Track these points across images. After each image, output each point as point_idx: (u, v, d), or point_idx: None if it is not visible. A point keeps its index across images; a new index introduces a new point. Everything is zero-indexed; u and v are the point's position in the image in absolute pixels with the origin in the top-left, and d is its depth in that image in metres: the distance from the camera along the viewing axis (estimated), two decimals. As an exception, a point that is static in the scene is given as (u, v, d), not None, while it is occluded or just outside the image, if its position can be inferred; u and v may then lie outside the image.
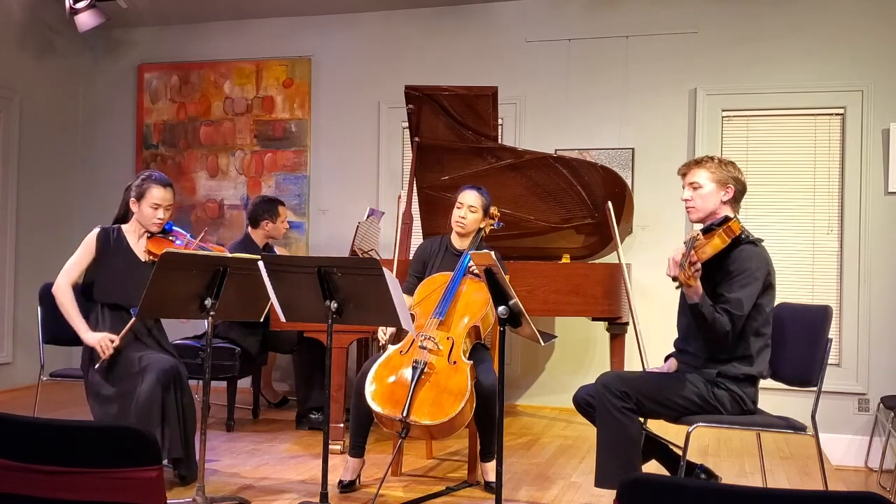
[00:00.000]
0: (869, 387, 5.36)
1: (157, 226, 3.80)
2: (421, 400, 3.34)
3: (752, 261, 3.11)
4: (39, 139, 6.63)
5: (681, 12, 5.77)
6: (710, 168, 3.25)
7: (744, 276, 3.09)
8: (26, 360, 6.28)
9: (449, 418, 3.30)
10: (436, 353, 3.50)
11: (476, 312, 3.66)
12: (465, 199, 3.98)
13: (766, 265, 3.16)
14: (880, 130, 5.39)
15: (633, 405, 3.12)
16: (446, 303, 3.65)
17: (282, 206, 5.33)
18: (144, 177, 3.82)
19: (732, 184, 3.24)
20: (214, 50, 6.75)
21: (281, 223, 5.28)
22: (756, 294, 3.11)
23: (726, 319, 3.05)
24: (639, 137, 5.82)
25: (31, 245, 6.47)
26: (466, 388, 3.37)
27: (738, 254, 3.13)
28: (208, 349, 3.37)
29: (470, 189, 4.03)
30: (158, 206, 3.76)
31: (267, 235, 5.26)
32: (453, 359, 3.48)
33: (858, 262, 5.40)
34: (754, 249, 3.16)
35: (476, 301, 3.68)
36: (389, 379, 3.46)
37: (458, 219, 3.98)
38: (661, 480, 1.43)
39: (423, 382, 3.38)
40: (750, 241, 3.18)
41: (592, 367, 5.74)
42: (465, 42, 6.17)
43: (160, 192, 3.77)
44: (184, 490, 3.57)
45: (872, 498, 1.29)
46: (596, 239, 5.25)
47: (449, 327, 3.60)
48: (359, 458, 3.73)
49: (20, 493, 1.63)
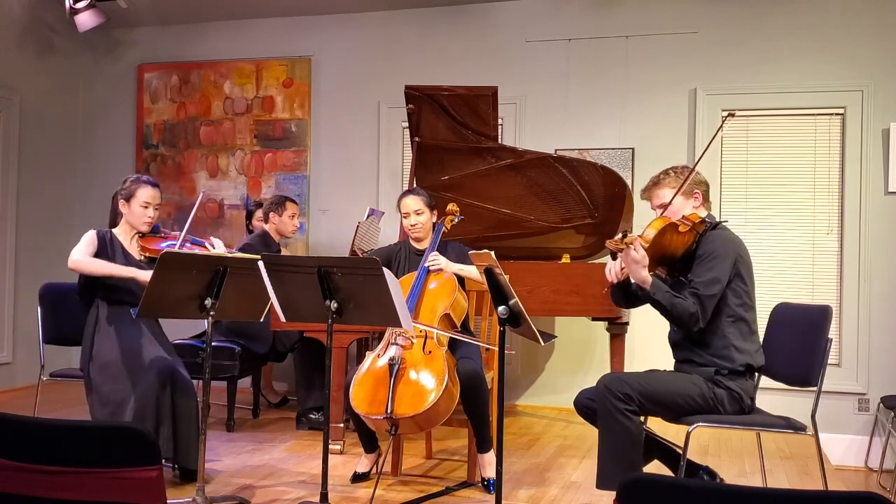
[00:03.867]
0: (869, 387, 5.36)
1: (147, 225, 3.85)
2: (401, 394, 3.39)
3: (714, 243, 3.21)
4: (39, 139, 6.63)
5: (681, 12, 5.77)
6: (668, 184, 3.31)
7: (709, 258, 3.18)
8: (26, 360, 6.28)
9: (430, 404, 3.34)
10: (409, 347, 3.56)
11: (444, 301, 3.72)
12: (408, 207, 4.00)
13: (732, 245, 3.23)
14: (880, 130, 5.39)
15: (636, 406, 3.13)
16: (414, 298, 3.71)
17: (291, 202, 5.29)
18: (132, 179, 3.89)
19: (697, 188, 3.31)
20: (214, 50, 6.75)
21: (288, 218, 5.21)
22: (726, 274, 3.17)
23: (691, 301, 3.11)
24: (639, 137, 5.82)
25: (31, 245, 6.47)
26: (443, 372, 3.41)
27: (704, 240, 3.23)
28: (208, 349, 3.37)
29: (406, 195, 4.05)
30: (148, 204, 3.82)
31: (275, 230, 5.24)
32: (428, 349, 3.54)
33: (858, 262, 5.40)
34: (717, 233, 3.25)
35: (442, 291, 3.76)
36: (370, 382, 3.51)
37: (409, 227, 4.02)
38: (660, 480, 1.43)
39: (400, 378, 3.44)
40: (712, 226, 3.26)
41: (592, 367, 5.74)
42: (465, 42, 6.17)
43: (150, 191, 3.83)
44: (184, 490, 3.57)
45: (872, 498, 1.29)
46: (596, 239, 5.25)
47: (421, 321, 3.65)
48: (371, 453, 3.85)
49: (20, 493, 1.63)
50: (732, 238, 3.26)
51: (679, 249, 3.22)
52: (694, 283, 3.15)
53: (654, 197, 3.36)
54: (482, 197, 5.15)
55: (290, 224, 5.26)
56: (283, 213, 5.21)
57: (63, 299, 4.33)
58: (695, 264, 3.20)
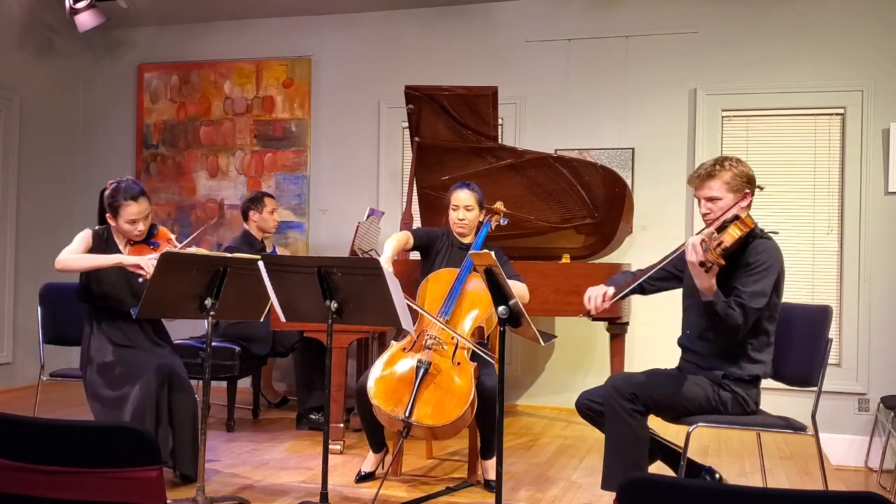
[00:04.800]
0: (869, 387, 5.36)
1: (138, 236, 3.73)
2: (424, 401, 3.33)
3: (766, 254, 3.10)
4: (39, 139, 6.63)
5: (681, 12, 5.77)
6: (724, 178, 3.14)
7: (759, 268, 3.07)
8: (26, 360, 6.28)
9: (451, 421, 3.30)
10: (440, 353, 3.49)
11: (481, 312, 3.64)
12: (459, 200, 3.93)
13: (779, 259, 3.14)
14: (880, 130, 5.39)
15: (642, 407, 3.12)
16: (451, 302, 3.63)
17: (268, 197, 5.29)
18: (112, 190, 3.67)
19: (749, 188, 3.17)
20: (214, 50, 6.75)
21: (268, 213, 5.20)
22: (771, 287, 3.08)
23: (738, 313, 3.00)
24: (639, 137, 5.82)
25: (31, 245, 6.47)
26: (470, 392, 3.36)
27: (754, 247, 3.11)
28: (208, 349, 3.37)
29: (461, 188, 3.97)
30: (135, 220, 3.65)
31: (258, 227, 5.23)
32: (457, 360, 3.47)
33: (858, 262, 5.40)
34: (769, 243, 3.14)
35: (481, 300, 3.65)
36: (393, 377, 3.44)
37: (456, 221, 3.94)
38: (660, 480, 1.43)
39: (426, 383, 3.37)
40: (764, 235, 3.17)
41: (592, 367, 5.74)
42: (465, 42, 6.17)
43: (134, 209, 3.63)
44: (184, 490, 3.57)
45: (872, 498, 1.29)
46: (596, 239, 5.25)
47: (454, 327, 3.58)
48: (378, 452, 3.82)
49: (20, 493, 1.63)
50: (779, 251, 3.16)
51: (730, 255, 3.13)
52: (741, 292, 3.04)
53: (706, 188, 3.17)
54: (482, 197, 5.14)
55: (271, 219, 5.25)
56: (263, 209, 5.20)
57: (63, 299, 4.33)
58: (742, 271, 3.09)
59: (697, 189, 3.24)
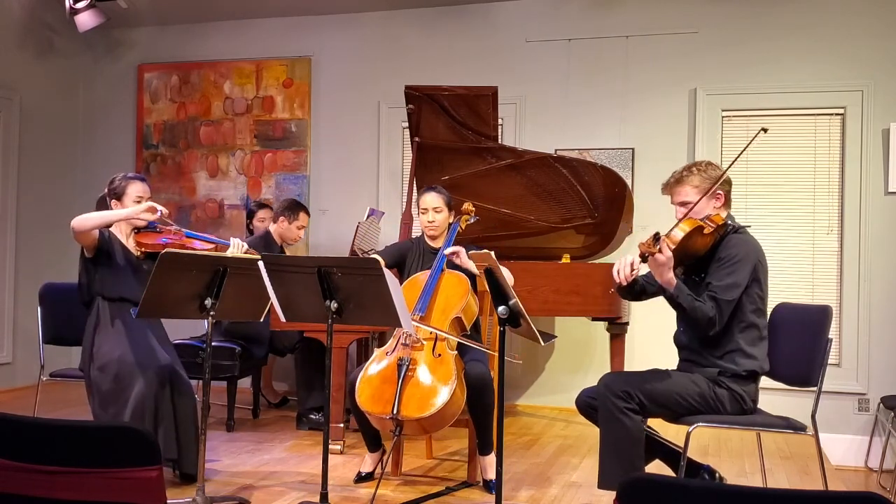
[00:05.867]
0: (869, 387, 5.36)
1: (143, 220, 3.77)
2: (409, 396, 3.37)
3: (737, 247, 3.17)
4: (39, 139, 6.63)
5: (681, 12, 5.77)
6: (693, 182, 3.25)
7: (730, 262, 3.15)
8: (26, 360, 6.28)
9: (437, 409, 3.32)
10: (419, 348, 3.53)
11: (456, 304, 3.69)
12: (427, 203, 3.98)
13: (753, 251, 3.20)
14: (880, 130, 5.39)
15: (636, 405, 3.12)
16: (426, 298, 3.68)
17: (305, 212, 5.26)
18: (119, 177, 3.85)
19: (720, 188, 3.25)
20: (214, 50, 6.75)
21: (297, 227, 5.19)
22: (745, 279, 3.14)
23: (710, 306, 3.09)
24: (639, 137, 5.82)
25: (31, 245, 6.47)
26: (451, 377, 3.40)
27: (725, 243, 3.20)
28: (208, 349, 3.37)
29: (428, 191, 4.03)
30: (141, 198, 3.78)
31: (280, 234, 5.22)
32: (437, 352, 3.51)
33: (858, 262, 5.40)
34: (740, 237, 3.22)
35: (455, 294, 3.72)
36: (377, 380, 3.49)
37: (426, 224, 3.99)
38: (660, 480, 1.43)
39: (409, 379, 3.42)
40: (735, 230, 3.23)
41: (592, 367, 5.74)
42: (465, 42, 6.17)
43: (140, 186, 3.81)
44: (184, 490, 3.57)
45: (872, 498, 1.29)
46: (596, 239, 5.25)
47: (429, 322, 3.63)
48: (375, 452, 3.85)
49: (20, 493, 1.63)
50: (753, 243, 3.22)
51: (701, 251, 3.18)
52: (713, 286, 3.12)
53: (676, 194, 3.30)
54: (482, 197, 5.14)
55: (296, 233, 5.23)
56: (294, 221, 5.18)
57: (63, 299, 4.33)
58: (714, 267, 3.17)
59: (671, 196, 3.35)
